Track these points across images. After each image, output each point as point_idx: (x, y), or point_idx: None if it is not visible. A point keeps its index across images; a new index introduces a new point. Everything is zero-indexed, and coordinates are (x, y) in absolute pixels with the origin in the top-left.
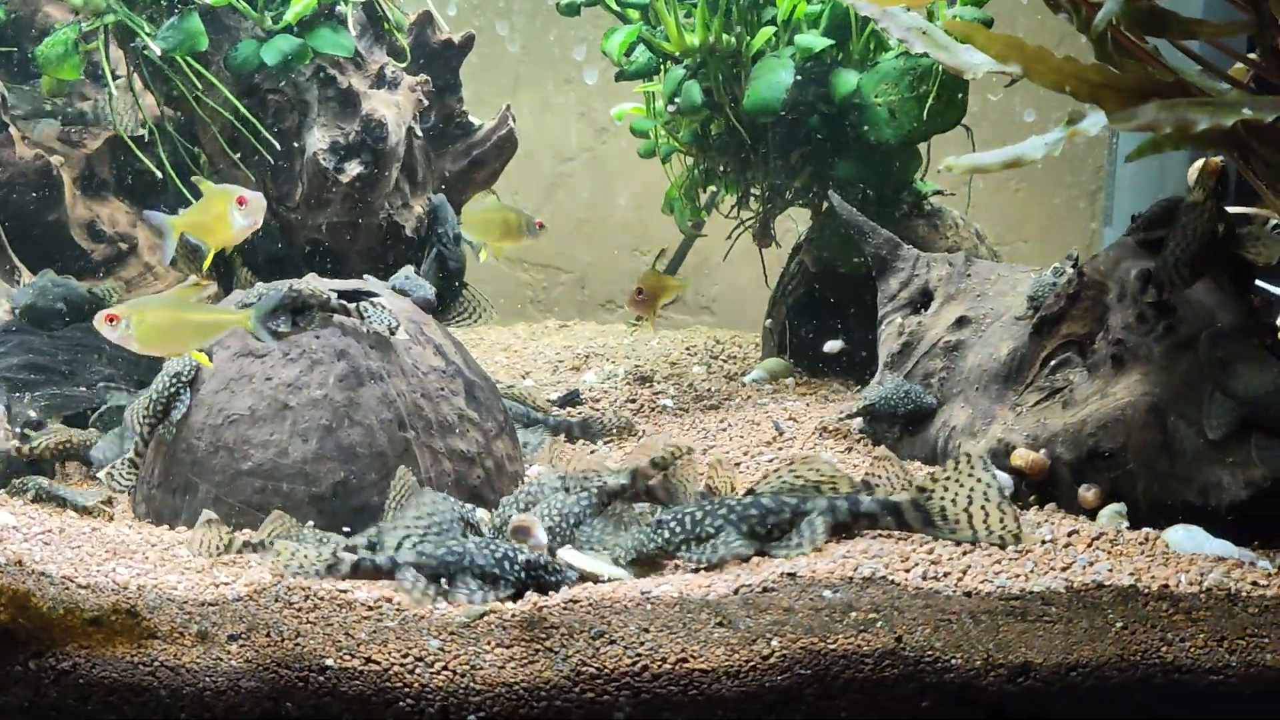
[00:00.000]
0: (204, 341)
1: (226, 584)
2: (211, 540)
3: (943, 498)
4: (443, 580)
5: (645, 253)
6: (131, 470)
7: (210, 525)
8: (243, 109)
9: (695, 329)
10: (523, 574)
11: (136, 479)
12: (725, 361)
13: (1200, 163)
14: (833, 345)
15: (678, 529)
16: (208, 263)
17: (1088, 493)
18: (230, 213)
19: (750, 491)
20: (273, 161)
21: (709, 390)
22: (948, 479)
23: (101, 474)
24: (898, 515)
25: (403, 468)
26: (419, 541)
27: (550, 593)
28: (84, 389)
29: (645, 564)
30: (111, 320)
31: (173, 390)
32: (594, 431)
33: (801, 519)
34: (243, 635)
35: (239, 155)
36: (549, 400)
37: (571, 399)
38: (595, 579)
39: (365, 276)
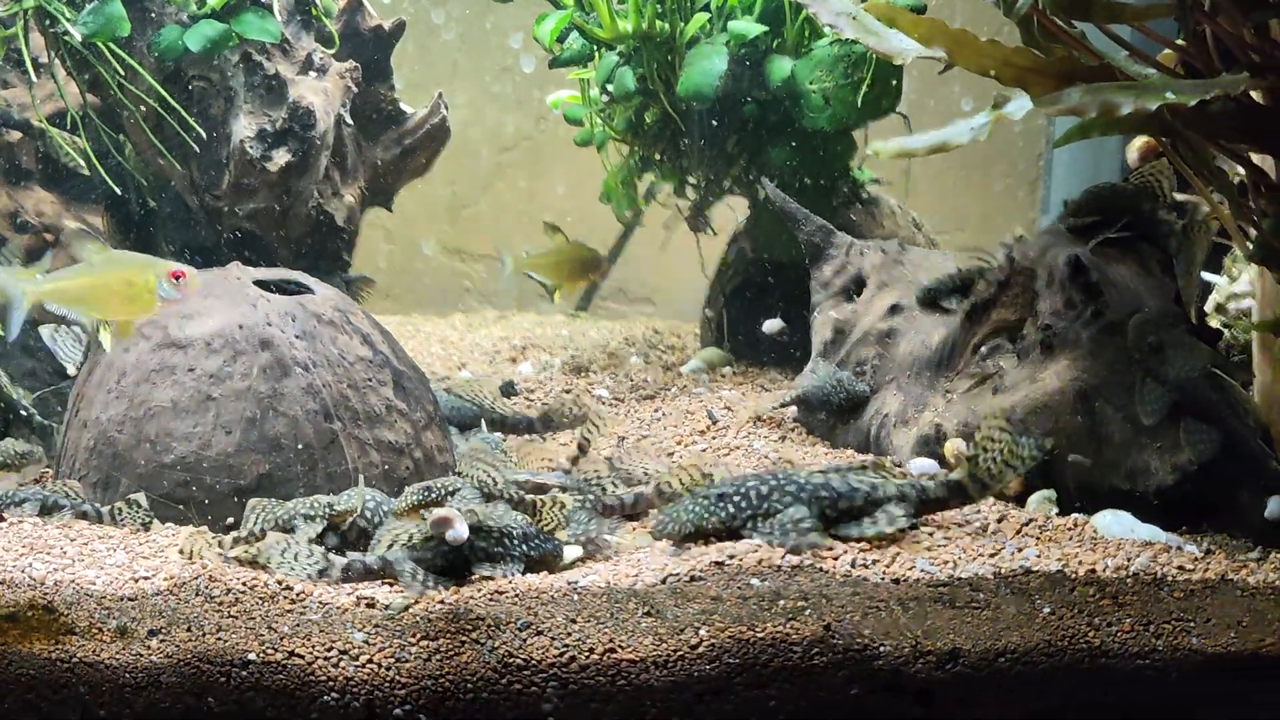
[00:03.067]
0: None
1: (146, 578)
2: (201, 547)
3: (983, 459)
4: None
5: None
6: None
7: (193, 536)
8: (167, 95)
9: (635, 319)
10: (525, 547)
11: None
12: (664, 352)
13: (1140, 140)
14: (771, 325)
15: (743, 504)
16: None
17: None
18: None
19: (820, 472)
20: (198, 149)
21: (645, 380)
22: (979, 441)
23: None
24: (961, 492)
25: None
26: (409, 540)
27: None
28: None
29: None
30: None
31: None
32: (554, 424)
33: (874, 506)
34: (162, 630)
35: (164, 142)
36: None
37: (506, 390)
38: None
39: None
